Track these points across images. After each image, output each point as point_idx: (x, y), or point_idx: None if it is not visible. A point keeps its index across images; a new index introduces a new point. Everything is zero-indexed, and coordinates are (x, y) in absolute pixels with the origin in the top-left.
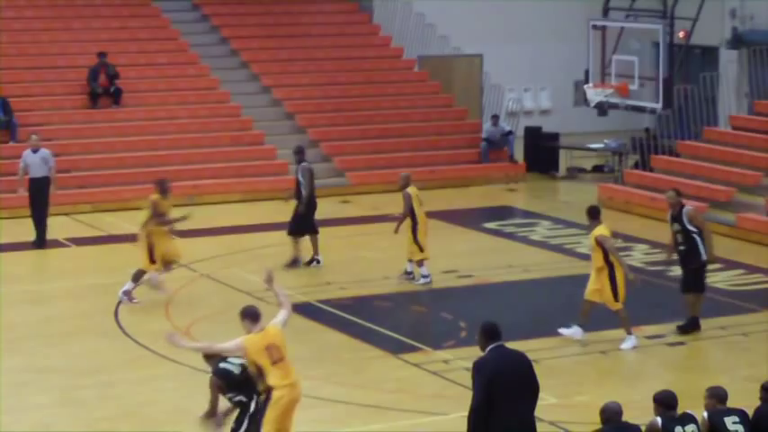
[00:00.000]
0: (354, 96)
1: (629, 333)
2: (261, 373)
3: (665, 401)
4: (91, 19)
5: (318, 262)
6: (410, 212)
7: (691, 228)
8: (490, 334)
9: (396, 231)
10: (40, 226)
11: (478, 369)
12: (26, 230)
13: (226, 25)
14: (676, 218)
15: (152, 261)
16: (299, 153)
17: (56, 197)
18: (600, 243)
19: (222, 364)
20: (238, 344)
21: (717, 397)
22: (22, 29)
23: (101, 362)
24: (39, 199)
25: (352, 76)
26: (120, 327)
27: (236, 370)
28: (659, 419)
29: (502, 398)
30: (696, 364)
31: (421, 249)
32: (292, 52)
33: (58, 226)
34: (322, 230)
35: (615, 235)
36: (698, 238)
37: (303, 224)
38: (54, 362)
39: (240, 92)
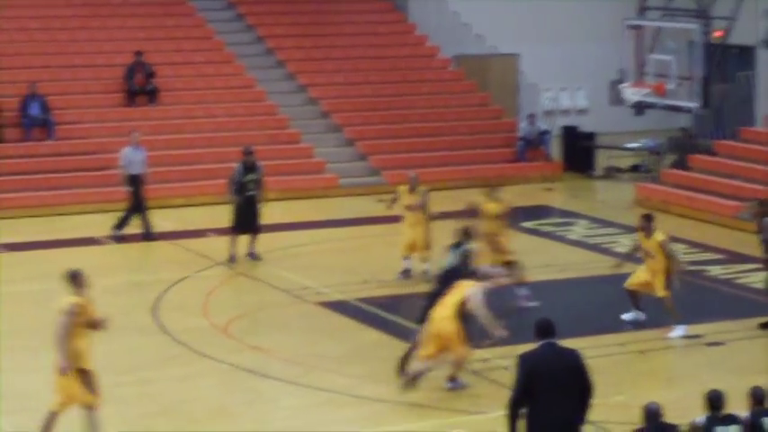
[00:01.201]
0: (390, 95)
1: (678, 323)
2: None
3: (710, 401)
4: (127, 18)
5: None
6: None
7: None
8: (541, 330)
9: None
10: (144, 219)
11: (520, 362)
12: (60, 227)
13: (261, 24)
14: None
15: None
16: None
17: (91, 195)
18: (663, 246)
19: None
20: None
21: (754, 397)
22: (60, 27)
23: (140, 359)
24: (139, 194)
25: (388, 75)
26: (159, 324)
27: None
28: (702, 418)
29: (542, 394)
30: (735, 364)
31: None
32: (328, 51)
33: (95, 223)
34: (359, 229)
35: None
36: None
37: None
38: (93, 359)
39: (276, 90)
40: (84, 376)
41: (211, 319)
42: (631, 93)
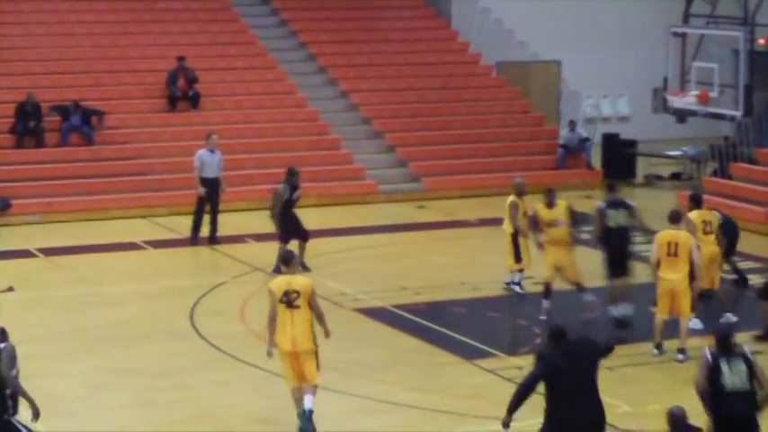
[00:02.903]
0: (431, 102)
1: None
2: None
3: (717, 335)
4: (170, 23)
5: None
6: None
7: None
8: (555, 336)
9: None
10: (213, 224)
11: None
12: (100, 232)
13: (304, 30)
14: None
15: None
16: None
17: (131, 200)
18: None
19: None
20: None
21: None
22: (103, 33)
23: (176, 364)
24: (213, 198)
25: (430, 82)
26: (196, 329)
27: None
28: (708, 351)
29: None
30: None
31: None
32: (370, 57)
33: (134, 228)
34: (398, 235)
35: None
36: None
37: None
38: (130, 363)
39: (317, 96)
40: None
41: (248, 324)
42: (677, 101)
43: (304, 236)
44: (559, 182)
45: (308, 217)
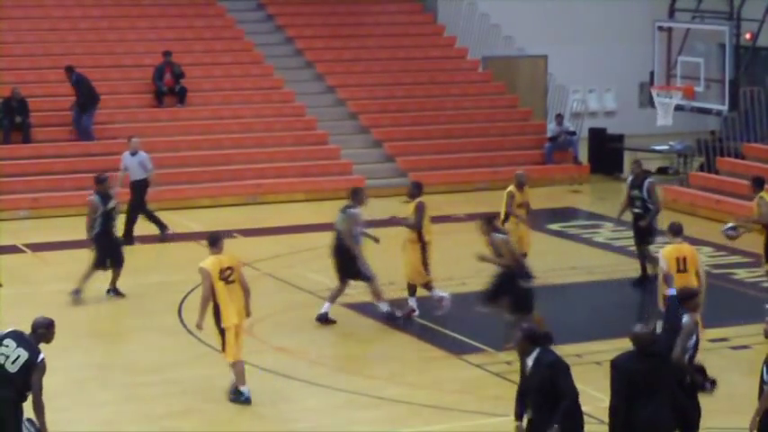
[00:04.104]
0: (418, 96)
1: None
2: None
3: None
4: (156, 18)
5: None
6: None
7: None
8: (534, 338)
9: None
10: (130, 224)
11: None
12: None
13: (290, 25)
14: None
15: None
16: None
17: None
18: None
19: None
20: None
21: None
22: (89, 28)
23: (164, 359)
24: (135, 199)
25: (417, 76)
26: (184, 324)
27: None
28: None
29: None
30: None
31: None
32: (357, 52)
33: (121, 224)
34: (384, 230)
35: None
36: None
37: None
38: (118, 359)
39: (304, 91)
40: None
41: None
42: (660, 95)
43: (119, 260)
44: (546, 176)
45: (296, 212)
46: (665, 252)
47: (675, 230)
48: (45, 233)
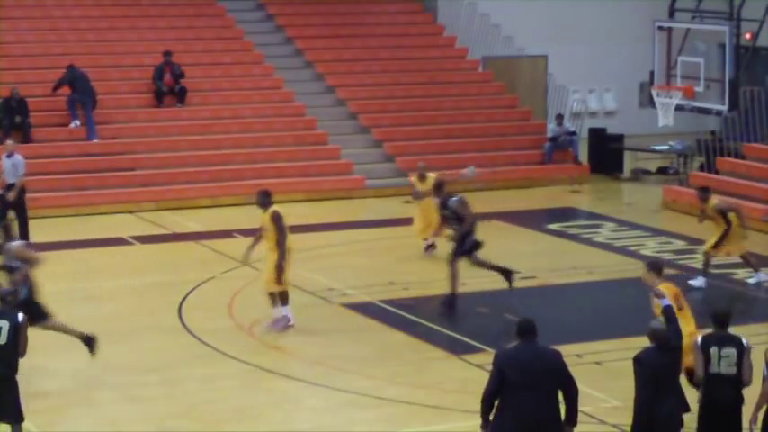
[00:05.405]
0: (418, 96)
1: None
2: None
3: (714, 318)
4: (156, 18)
5: None
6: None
7: None
8: (519, 330)
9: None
10: (23, 227)
11: (494, 359)
12: (88, 227)
13: (290, 25)
14: None
15: None
16: None
17: (119, 195)
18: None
19: None
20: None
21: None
22: (89, 28)
23: (165, 359)
24: (17, 205)
25: (417, 76)
26: (184, 324)
27: None
28: (700, 337)
29: (514, 390)
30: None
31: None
32: (357, 52)
33: (122, 224)
34: (385, 230)
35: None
36: None
37: None
38: (119, 359)
39: (304, 91)
40: None
41: (237, 319)
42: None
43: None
44: (546, 176)
45: (296, 212)
46: (663, 289)
47: (659, 269)
48: (45, 233)
